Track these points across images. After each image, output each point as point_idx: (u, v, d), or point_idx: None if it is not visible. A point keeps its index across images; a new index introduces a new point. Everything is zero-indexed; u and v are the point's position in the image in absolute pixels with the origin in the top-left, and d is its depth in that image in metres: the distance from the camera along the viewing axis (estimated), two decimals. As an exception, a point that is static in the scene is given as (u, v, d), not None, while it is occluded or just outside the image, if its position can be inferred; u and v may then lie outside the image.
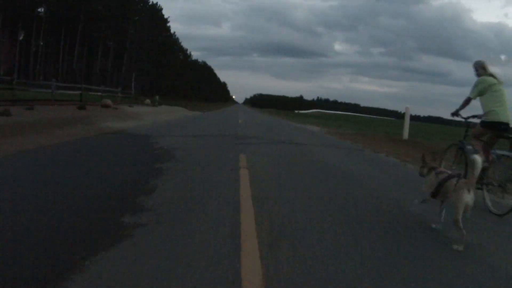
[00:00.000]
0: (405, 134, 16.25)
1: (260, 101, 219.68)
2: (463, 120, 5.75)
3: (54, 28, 44.31)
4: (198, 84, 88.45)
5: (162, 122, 17.04)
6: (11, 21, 41.28)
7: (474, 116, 5.61)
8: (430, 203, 3.89)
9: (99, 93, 24.69)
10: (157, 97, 43.51)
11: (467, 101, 5.46)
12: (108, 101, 21.11)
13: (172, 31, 63.21)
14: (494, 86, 5.12)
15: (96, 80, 43.89)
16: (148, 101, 31.51)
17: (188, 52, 78.53)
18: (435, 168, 3.87)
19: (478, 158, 3.43)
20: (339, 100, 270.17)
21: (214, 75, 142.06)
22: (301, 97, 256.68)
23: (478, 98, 5.27)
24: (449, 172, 3.81)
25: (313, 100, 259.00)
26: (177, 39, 65.48)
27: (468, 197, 3.35)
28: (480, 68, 5.33)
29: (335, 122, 40.09)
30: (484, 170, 4.86)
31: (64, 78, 41.64)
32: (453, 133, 24.25)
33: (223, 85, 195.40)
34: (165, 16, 55.27)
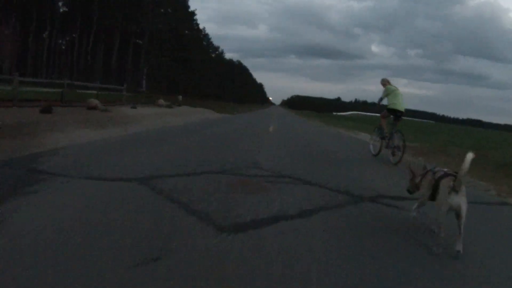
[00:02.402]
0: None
1: (297, 103, 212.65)
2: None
3: (68, 22, 40.20)
4: (232, 84, 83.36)
5: (155, 132, 11.42)
6: (23, 14, 37.42)
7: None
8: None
9: (94, 91, 19.61)
10: (180, 96, 38.38)
11: (380, 99, 9.04)
12: (95, 102, 16.12)
13: (201, 26, 58.44)
14: (395, 91, 8.63)
15: (113, 76, 39.37)
16: (162, 101, 26.09)
17: (220, 50, 73.12)
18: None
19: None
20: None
21: (250, 75, 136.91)
22: (338, 99, 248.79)
23: (386, 98, 8.73)
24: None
25: (350, 102, 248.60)
26: (207, 35, 60.29)
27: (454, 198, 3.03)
28: (386, 82, 8.96)
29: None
30: (390, 138, 8.58)
31: (79, 75, 37.40)
32: None
33: (260, 87, 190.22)
34: (191, 9, 49.82)
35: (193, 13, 50.83)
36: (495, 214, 4.77)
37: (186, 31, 47.09)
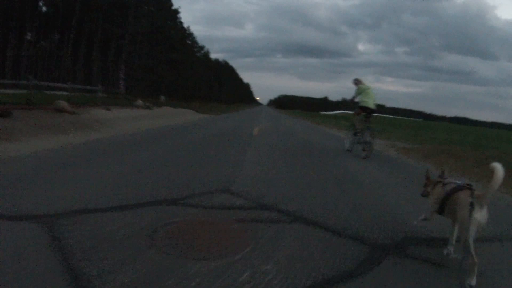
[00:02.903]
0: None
1: (284, 103, 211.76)
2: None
3: (48, 24, 38.17)
4: (218, 84, 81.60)
5: (120, 138, 9.87)
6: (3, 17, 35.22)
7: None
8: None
9: (65, 93, 17.91)
10: (162, 97, 36.83)
11: (353, 98, 9.75)
12: (63, 104, 14.59)
13: (185, 25, 56.56)
14: (366, 90, 9.33)
15: (95, 78, 37.51)
16: (140, 102, 24.39)
17: (205, 49, 71.03)
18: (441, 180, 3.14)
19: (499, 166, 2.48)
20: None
21: (237, 75, 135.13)
22: (326, 98, 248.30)
23: (358, 96, 9.47)
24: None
25: (338, 101, 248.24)
26: (191, 34, 58.30)
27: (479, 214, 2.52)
28: (358, 82, 9.64)
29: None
30: (361, 133, 9.31)
31: (59, 77, 35.44)
32: None
33: (246, 86, 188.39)
34: (174, 7, 47.67)
35: (176, 11, 48.95)
36: None
37: (171, 32, 45.16)
